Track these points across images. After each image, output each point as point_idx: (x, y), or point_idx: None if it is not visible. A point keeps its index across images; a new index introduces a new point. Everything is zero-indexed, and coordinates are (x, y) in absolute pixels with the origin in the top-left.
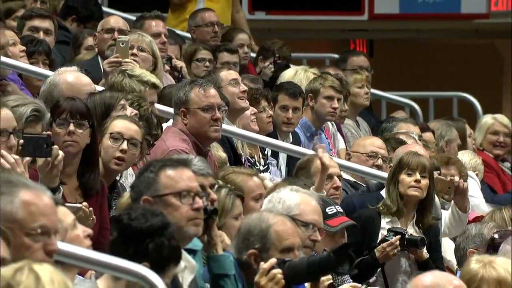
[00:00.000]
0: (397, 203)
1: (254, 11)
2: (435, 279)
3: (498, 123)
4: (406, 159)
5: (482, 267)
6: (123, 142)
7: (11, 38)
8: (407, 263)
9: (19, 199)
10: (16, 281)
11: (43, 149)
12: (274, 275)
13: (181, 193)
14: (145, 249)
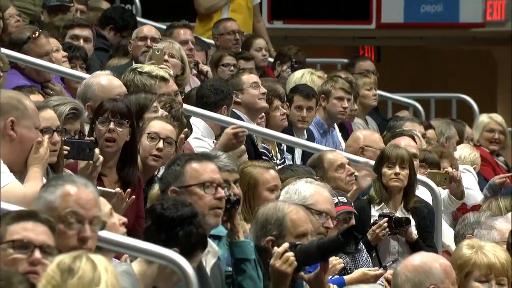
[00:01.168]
0: (380, 194)
1: (273, 21)
2: (423, 259)
3: (494, 121)
4: (386, 152)
5: (474, 253)
6: (159, 141)
7: (54, 45)
8: (398, 244)
9: (61, 190)
10: (76, 266)
11: (86, 153)
12: (288, 258)
13: (205, 184)
14: (176, 236)
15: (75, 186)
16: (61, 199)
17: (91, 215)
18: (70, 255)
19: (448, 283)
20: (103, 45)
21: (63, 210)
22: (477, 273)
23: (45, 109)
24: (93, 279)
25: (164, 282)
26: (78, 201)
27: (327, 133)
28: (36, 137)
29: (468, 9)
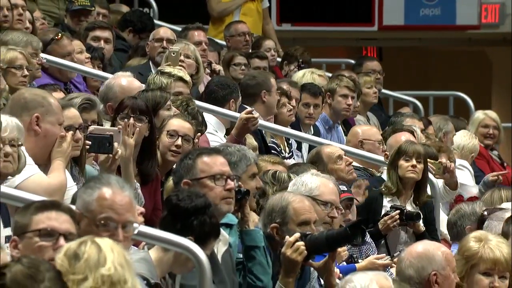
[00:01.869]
0: (397, 185)
1: (282, 23)
2: (426, 246)
3: (488, 117)
4: (404, 147)
5: (482, 247)
6: (178, 138)
7: (78, 47)
8: (406, 235)
9: (97, 194)
10: (81, 250)
11: (106, 147)
12: (298, 247)
13: (215, 176)
14: (190, 225)
15: (111, 189)
16: (97, 202)
17: (124, 219)
18: (76, 242)
19: (449, 270)
20: (123, 46)
21: (98, 214)
22: (482, 266)
23: (68, 108)
24: (98, 261)
25: (179, 268)
26: (112, 205)
27: (332, 129)
28: (59, 132)
29: (464, 12)
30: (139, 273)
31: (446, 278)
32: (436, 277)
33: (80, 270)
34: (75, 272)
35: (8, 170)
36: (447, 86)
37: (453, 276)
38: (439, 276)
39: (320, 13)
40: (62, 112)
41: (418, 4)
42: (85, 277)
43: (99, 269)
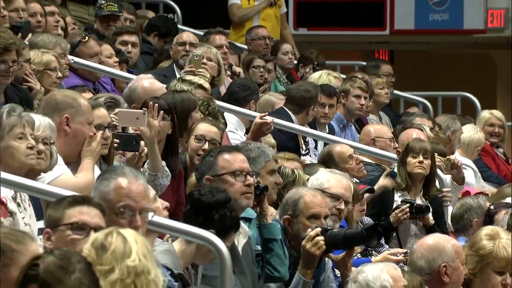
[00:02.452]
0: (406, 180)
1: (298, 28)
2: (437, 239)
3: (494, 117)
4: (411, 144)
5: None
6: (205, 143)
7: (107, 51)
8: (416, 228)
9: (114, 184)
10: (108, 241)
11: (132, 145)
12: (317, 241)
13: (235, 173)
14: (212, 218)
15: (126, 178)
16: (114, 192)
17: (141, 206)
18: (102, 233)
19: (458, 262)
20: (148, 50)
21: (116, 203)
22: (495, 264)
23: (98, 107)
24: (124, 252)
25: (201, 260)
26: (129, 194)
27: (346, 128)
28: (88, 132)
29: (471, 17)
30: (163, 263)
31: (455, 270)
32: (446, 268)
33: (107, 261)
34: (102, 263)
35: (41, 166)
36: (454, 87)
37: (462, 268)
38: (449, 267)
39: (334, 18)
40: (92, 111)
41: (428, 9)
42: (112, 268)
43: (125, 260)
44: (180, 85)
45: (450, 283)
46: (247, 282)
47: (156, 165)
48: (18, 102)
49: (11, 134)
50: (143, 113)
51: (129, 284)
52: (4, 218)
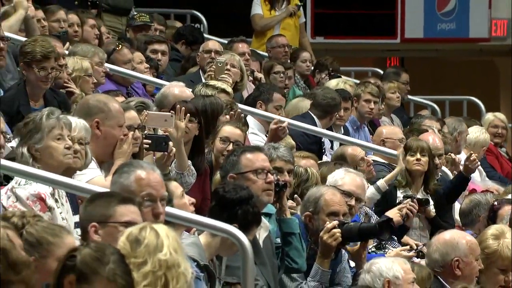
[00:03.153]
0: (406, 178)
1: (316, 36)
2: (452, 235)
3: (497, 119)
4: (409, 143)
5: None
6: (229, 144)
7: (139, 58)
8: (419, 220)
9: (134, 175)
10: (142, 236)
11: (162, 146)
12: (334, 234)
13: (257, 171)
14: (235, 214)
15: (144, 170)
16: (135, 183)
17: (161, 194)
18: (136, 227)
19: (472, 258)
20: (176, 57)
21: (139, 193)
22: (499, 263)
23: (129, 110)
24: (157, 246)
25: (225, 252)
26: (149, 184)
27: (360, 129)
28: (119, 134)
29: (476, 27)
30: (190, 255)
31: (467, 265)
32: (458, 262)
33: (140, 255)
34: (136, 256)
35: (77, 165)
36: (460, 92)
37: (475, 263)
38: (461, 262)
39: (348, 28)
40: (123, 114)
41: (436, 19)
42: (145, 261)
43: (157, 254)
44: (205, 89)
45: (462, 277)
46: (268, 272)
47: (182, 164)
48: (56, 105)
49: (50, 135)
50: (170, 116)
51: (160, 276)
52: (44, 213)
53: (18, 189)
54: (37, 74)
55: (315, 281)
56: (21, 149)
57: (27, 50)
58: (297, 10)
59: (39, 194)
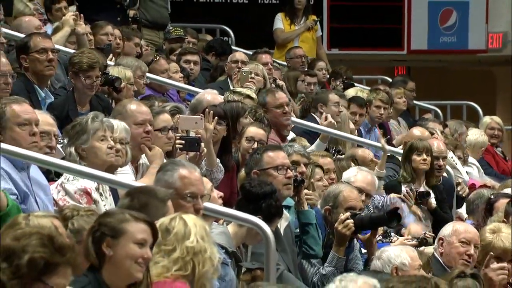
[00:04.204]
0: (411, 174)
1: (331, 48)
2: (466, 226)
3: (494, 122)
4: (415, 144)
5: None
6: (254, 143)
7: (174, 68)
8: (421, 211)
9: (177, 174)
10: (171, 225)
11: (194, 146)
12: (347, 224)
13: (278, 167)
14: (260, 207)
15: (187, 169)
16: (179, 181)
17: (201, 192)
18: (168, 218)
19: (455, 239)
20: (207, 66)
21: (183, 190)
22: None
23: (162, 113)
24: (185, 234)
25: (250, 240)
26: (192, 182)
27: (371, 131)
28: (137, 132)
29: (475, 40)
30: (219, 243)
31: (449, 244)
32: (442, 241)
33: (170, 242)
34: (166, 243)
35: (119, 163)
36: (461, 97)
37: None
38: (444, 241)
39: (361, 40)
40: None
41: (439, 33)
42: (174, 248)
43: (185, 241)
44: (232, 96)
45: (445, 254)
46: (288, 258)
47: (211, 162)
48: (100, 110)
49: (94, 136)
50: (200, 119)
51: (189, 261)
52: (89, 205)
53: (67, 184)
54: (84, 82)
55: (331, 267)
56: (69, 149)
57: (75, 61)
58: (314, 24)
59: (86, 189)
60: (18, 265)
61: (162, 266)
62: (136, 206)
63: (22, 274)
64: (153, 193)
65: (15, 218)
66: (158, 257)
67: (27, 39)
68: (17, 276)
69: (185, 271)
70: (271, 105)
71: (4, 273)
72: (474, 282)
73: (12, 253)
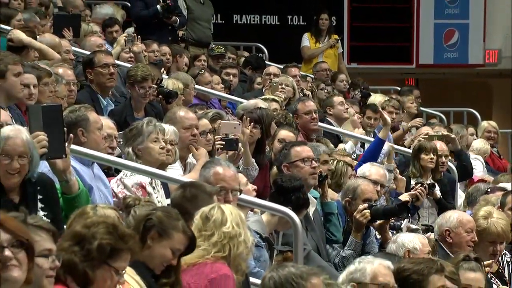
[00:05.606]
0: (420, 171)
1: (351, 63)
2: (449, 212)
3: (490, 125)
4: (423, 144)
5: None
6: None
7: (217, 80)
8: (427, 201)
9: (212, 171)
10: (211, 214)
11: (233, 146)
12: (364, 213)
13: (304, 159)
14: (290, 199)
15: (221, 167)
16: (213, 177)
17: (232, 187)
18: (208, 207)
19: (461, 230)
20: (244, 79)
21: (215, 185)
22: (488, 237)
23: (202, 118)
24: (221, 221)
25: (281, 227)
26: (224, 178)
27: None
28: (185, 135)
29: (474, 55)
30: (254, 229)
31: (456, 235)
32: (449, 232)
33: (209, 228)
34: (206, 229)
35: (169, 161)
36: (462, 105)
37: (465, 234)
38: (451, 232)
39: (376, 56)
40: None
41: (443, 50)
42: (212, 233)
43: (222, 227)
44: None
45: (453, 244)
46: (317, 236)
47: (247, 161)
48: (153, 115)
49: (149, 138)
50: (238, 124)
51: (225, 245)
52: (144, 197)
53: (125, 179)
54: (138, 92)
55: (351, 250)
56: (127, 149)
57: (131, 74)
58: (336, 43)
59: (141, 183)
60: (89, 250)
61: (203, 249)
62: (188, 196)
63: (92, 257)
64: (202, 188)
65: (84, 208)
66: (199, 241)
67: (92, 55)
68: (87, 259)
69: (223, 253)
70: (301, 112)
71: (76, 255)
72: (477, 264)
73: (83, 239)
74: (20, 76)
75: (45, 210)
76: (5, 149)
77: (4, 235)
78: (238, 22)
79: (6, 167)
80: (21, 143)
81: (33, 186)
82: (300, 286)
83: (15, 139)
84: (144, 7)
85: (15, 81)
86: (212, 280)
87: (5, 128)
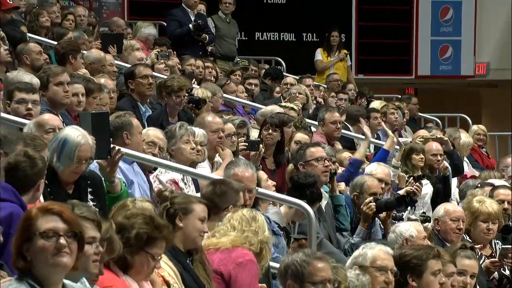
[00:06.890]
0: (412, 169)
1: (358, 74)
2: (441, 205)
3: (480, 129)
4: (414, 146)
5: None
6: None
7: (241, 89)
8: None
9: (232, 171)
10: (257, 218)
11: (255, 147)
12: (370, 206)
13: (318, 159)
14: (304, 193)
15: (240, 168)
16: (233, 177)
17: (249, 186)
18: (251, 210)
19: (447, 219)
20: (265, 88)
21: None
22: (481, 217)
23: (227, 123)
24: (264, 227)
25: (297, 218)
26: (241, 179)
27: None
28: (212, 138)
29: (465, 68)
30: (274, 220)
31: (443, 223)
32: (437, 221)
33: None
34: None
35: (199, 160)
36: (455, 110)
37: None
38: (440, 221)
39: (380, 68)
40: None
41: (438, 63)
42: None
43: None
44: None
45: (441, 231)
46: (328, 225)
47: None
48: (185, 120)
49: (181, 140)
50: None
51: (263, 248)
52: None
53: (161, 176)
54: (175, 100)
55: (359, 237)
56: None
57: (168, 84)
58: (345, 56)
59: (174, 179)
60: (128, 238)
61: (237, 236)
62: (218, 192)
63: (131, 244)
64: (230, 185)
65: (125, 201)
66: (236, 230)
67: (133, 68)
68: (127, 245)
69: (255, 249)
70: (327, 121)
71: None
72: (472, 252)
73: (123, 228)
74: (63, 85)
75: (94, 201)
76: (79, 155)
77: (61, 224)
78: (260, 39)
79: (76, 169)
80: (90, 149)
81: (85, 181)
82: (303, 268)
83: (86, 145)
84: (178, 26)
85: (57, 90)
86: (240, 264)
87: (70, 133)
